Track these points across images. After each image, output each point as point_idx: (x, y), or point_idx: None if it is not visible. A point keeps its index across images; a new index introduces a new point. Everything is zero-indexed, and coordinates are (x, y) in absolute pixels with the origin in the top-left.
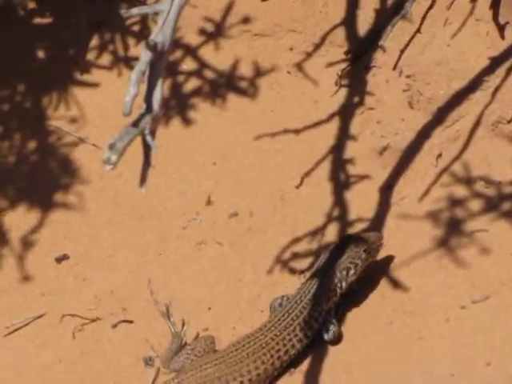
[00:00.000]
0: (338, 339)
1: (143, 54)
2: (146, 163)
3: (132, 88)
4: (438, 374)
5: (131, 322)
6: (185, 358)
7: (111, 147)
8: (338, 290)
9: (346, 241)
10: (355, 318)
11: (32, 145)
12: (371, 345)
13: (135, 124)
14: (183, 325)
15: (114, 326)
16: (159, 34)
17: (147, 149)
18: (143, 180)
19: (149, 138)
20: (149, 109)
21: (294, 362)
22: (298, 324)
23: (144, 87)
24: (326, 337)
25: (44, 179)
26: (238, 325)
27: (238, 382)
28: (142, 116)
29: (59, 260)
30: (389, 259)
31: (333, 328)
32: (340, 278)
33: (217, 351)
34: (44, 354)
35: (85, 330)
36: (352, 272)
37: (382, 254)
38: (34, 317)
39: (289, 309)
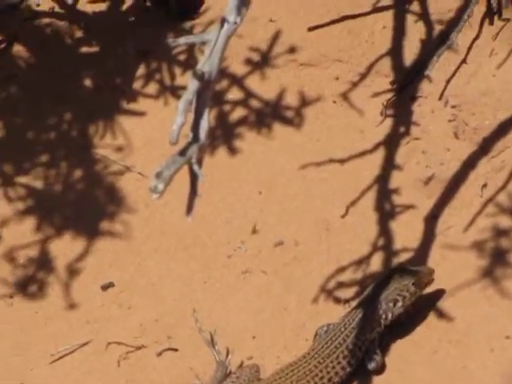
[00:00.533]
0: (381, 369)
1: (190, 83)
2: (193, 192)
3: (179, 117)
4: None
5: (176, 350)
6: None
7: (158, 176)
8: (383, 322)
9: (394, 272)
10: (400, 347)
11: (78, 173)
12: (416, 375)
13: (182, 153)
14: (228, 353)
15: (159, 354)
16: (206, 63)
17: (194, 178)
18: (190, 209)
19: (195, 167)
20: (195, 138)
21: None
22: (341, 352)
23: (191, 116)
24: (369, 366)
25: (90, 207)
26: (282, 354)
27: None
28: (188, 145)
29: (105, 288)
30: (434, 289)
31: (376, 358)
32: (386, 309)
33: (261, 380)
34: (90, 381)
35: (130, 357)
36: (400, 304)
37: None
38: (80, 344)
39: (332, 336)
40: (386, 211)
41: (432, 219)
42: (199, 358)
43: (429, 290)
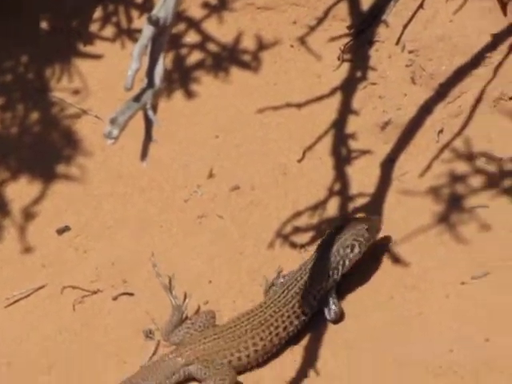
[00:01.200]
0: (340, 318)
1: (145, 29)
2: (147, 138)
3: (134, 63)
4: (437, 349)
5: (132, 294)
6: (185, 332)
7: (112, 121)
8: (340, 268)
9: (346, 222)
10: (355, 293)
11: (34, 116)
12: (372, 320)
13: (137, 98)
14: (185, 298)
15: (115, 299)
16: (161, 8)
17: (148, 123)
18: (144, 154)
19: (150, 113)
20: (150, 83)
21: (294, 339)
22: (297, 301)
23: (146, 61)
24: (328, 317)
25: (46, 150)
26: (238, 298)
27: (236, 357)
28: (143, 91)
29: (60, 232)
30: (390, 234)
31: (334, 308)
32: (343, 255)
33: (217, 326)
34: (45, 325)
35: (85, 302)
36: (356, 250)
37: (382, 229)
38: (35, 288)
39: (288, 286)
40: (342, 156)
41: (388, 164)
42: (155, 302)
43: (384, 235)
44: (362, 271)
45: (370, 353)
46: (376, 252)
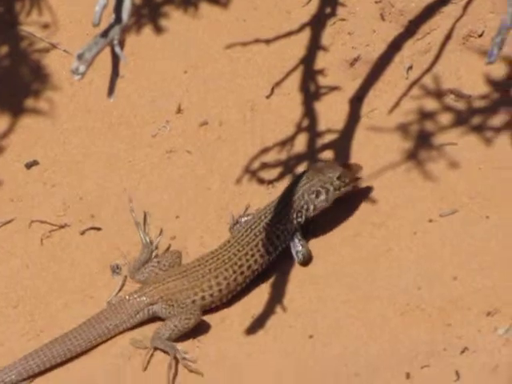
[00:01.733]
0: (307, 260)
1: None
2: (115, 73)
3: None
4: (404, 286)
5: (99, 229)
6: (150, 271)
7: (80, 57)
8: (304, 212)
9: (321, 165)
10: (323, 230)
11: (4, 50)
12: (339, 257)
13: (104, 34)
14: (160, 234)
15: (83, 233)
16: None
17: (116, 59)
18: (111, 90)
19: (117, 49)
20: (118, 19)
21: (261, 276)
22: (260, 240)
23: None
24: (296, 260)
25: (15, 84)
26: (205, 234)
27: (200, 296)
28: (110, 26)
29: (29, 166)
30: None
31: (302, 249)
32: (308, 200)
33: (182, 265)
34: (12, 259)
35: (53, 236)
36: (322, 198)
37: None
38: (3, 222)
39: (252, 224)
40: (310, 92)
41: (357, 101)
42: (122, 237)
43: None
44: (329, 208)
45: (337, 289)
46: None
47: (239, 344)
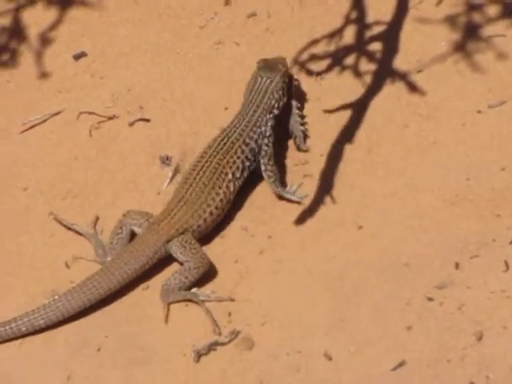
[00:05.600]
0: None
1: None
2: None
3: None
4: (454, 177)
5: (148, 120)
6: (115, 244)
7: None
8: (275, 111)
9: (271, 63)
10: (369, 122)
11: None
12: (387, 149)
13: None
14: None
15: (131, 124)
16: None
17: None
18: None
19: None
20: None
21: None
22: (238, 146)
23: None
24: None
25: None
26: None
27: (208, 212)
28: None
29: (77, 57)
30: (405, 63)
31: (268, 150)
32: (277, 98)
33: (174, 196)
34: (60, 151)
35: (101, 127)
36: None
37: (399, 58)
38: (51, 114)
39: (228, 133)
40: None
41: None
42: (170, 128)
43: (400, 63)
44: (376, 100)
45: (385, 180)
46: (391, 80)
47: (291, 232)
